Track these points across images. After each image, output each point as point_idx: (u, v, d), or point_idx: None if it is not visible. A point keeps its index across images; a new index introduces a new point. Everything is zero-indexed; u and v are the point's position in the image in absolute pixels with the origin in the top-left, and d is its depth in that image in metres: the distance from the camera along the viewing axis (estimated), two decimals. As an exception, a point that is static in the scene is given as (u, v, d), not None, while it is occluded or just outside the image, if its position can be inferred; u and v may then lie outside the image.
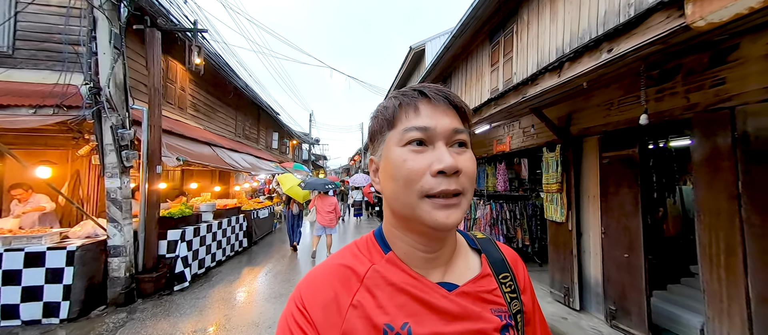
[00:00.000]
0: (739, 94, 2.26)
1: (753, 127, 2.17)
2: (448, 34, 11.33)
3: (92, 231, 3.77)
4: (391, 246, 0.51)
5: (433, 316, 0.46)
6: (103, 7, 3.59)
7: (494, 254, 0.57)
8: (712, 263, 2.37)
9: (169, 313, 3.52)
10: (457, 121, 0.47)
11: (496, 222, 5.47)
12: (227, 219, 5.87)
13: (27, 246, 3.25)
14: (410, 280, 0.48)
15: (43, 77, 4.49)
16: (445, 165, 0.42)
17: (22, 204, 4.02)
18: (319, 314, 0.44)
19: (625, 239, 3.17)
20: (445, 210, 0.43)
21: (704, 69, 2.50)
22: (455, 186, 0.43)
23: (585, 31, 3.73)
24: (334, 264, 0.50)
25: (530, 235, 5.41)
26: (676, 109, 2.70)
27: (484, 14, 5.66)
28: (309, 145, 24.71)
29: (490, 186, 6.09)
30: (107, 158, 3.66)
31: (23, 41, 4.56)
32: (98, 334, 3.05)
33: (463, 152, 0.46)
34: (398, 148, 0.46)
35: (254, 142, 12.58)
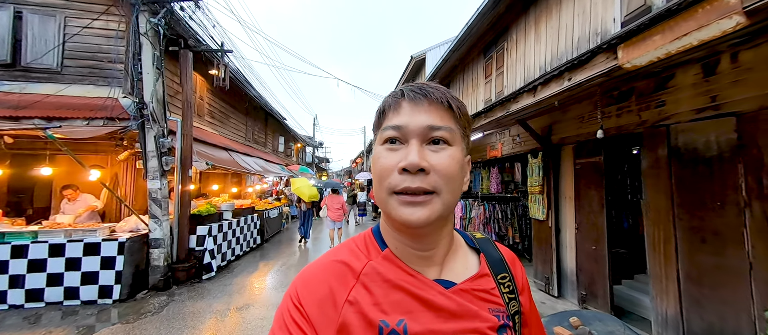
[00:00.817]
0: (674, 114, 2.82)
1: (682, 142, 2.72)
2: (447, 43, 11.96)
3: (134, 226, 4.36)
4: (387, 243, 0.50)
5: (430, 313, 0.45)
6: (147, 34, 4.20)
7: (493, 254, 0.56)
8: (655, 250, 2.92)
9: (203, 296, 4.10)
10: (436, 118, 0.46)
11: (489, 222, 6.02)
12: (244, 218, 6.45)
13: (85, 237, 3.85)
14: (406, 277, 0.47)
15: (88, 91, 5.10)
16: (407, 162, 0.43)
17: (72, 203, 4.62)
18: (315, 310, 0.44)
19: (593, 234, 3.72)
20: (409, 207, 0.43)
21: (651, 92, 3.06)
22: (419, 184, 0.43)
23: (563, 52, 4.30)
24: (330, 261, 0.49)
25: (520, 233, 5.95)
26: (631, 124, 3.26)
27: (479, 31, 6.25)
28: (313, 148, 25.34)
29: (485, 188, 6.63)
30: (150, 163, 4.26)
31: (70, 60, 5.17)
32: (147, 312, 3.62)
33: (440, 150, 0.45)
34: (378, 146, 0.48)
35: (262, 146, 13.19)
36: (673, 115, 2.84)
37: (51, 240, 3.75)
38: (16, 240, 3.69)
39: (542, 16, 4.72)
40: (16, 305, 3.66)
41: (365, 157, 29.05)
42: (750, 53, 2.32)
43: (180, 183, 4.65)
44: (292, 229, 10.46)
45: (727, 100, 2.45)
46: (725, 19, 1.67)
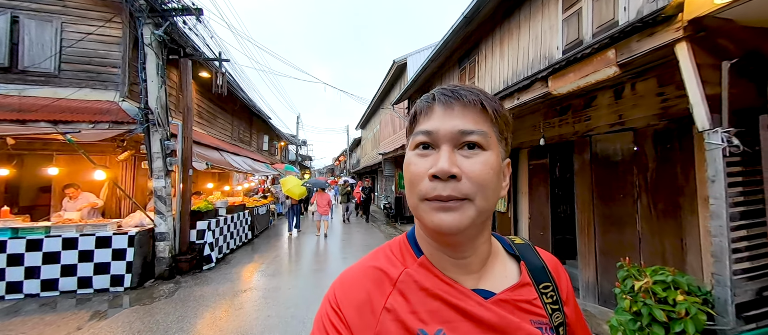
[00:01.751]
0: (596, 127, 3.64)
1: (600, 149, 3.55)
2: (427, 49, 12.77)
3: (139, 221, 4.73)
4: (423, 249, 0.49)
5: (469, 324, 0.44)
6: (152, 45, 4.57)
7: (534, 261, 0.54)
8: (582, 232, 3.75)
9: (207, 283, 4.56)
10: (469, 122, 0.44)
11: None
12: (237, 215, 6.87)
13: (96, 231, 4.21)
14: (443, 286, 0.46)
15: (85, 95, 5.36)
16: (436, 169, 0.42)
17: (74, 201, 4.90)
18: (354, 315, 0.44)
19: (541, 222, 4.54)
20: (440, 212, 0.42)
21: (581, 109, 3.88)
22: (450, 192, 0.42)
23: (521, 70, 5.09)
24: (367, 266, 0.49)
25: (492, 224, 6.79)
26: (568, 133, 4.08)
27: (454, 45, 6.99)
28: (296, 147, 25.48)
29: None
30: (155, 164, 4.64)
31: (67, 64, 5.39)
32: (159, 296, 4.06)
33: (473, 155, 0.44)
34: (409, 152, 0.47)
35: (247, 145, 13.40)
36: (595, 127, 3.67)
37: (64, 234, 4.09)
38: (30, 235, 4.00)
39: (506, 37, 5.51)
40: (32, 294, 3.98)
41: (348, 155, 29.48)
42: (642, 85, 3.15)
43: (181, 182, 5.05)
44: (278, 226, 10.86)
45: (629, 119, 3.28)
46: (607, 68, 2.44)
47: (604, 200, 3.49)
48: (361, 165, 23.13)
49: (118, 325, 3.27)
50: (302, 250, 7.01)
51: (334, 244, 7.67)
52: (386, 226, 10.70)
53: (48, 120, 4.43)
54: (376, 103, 17.08)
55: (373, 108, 17.99)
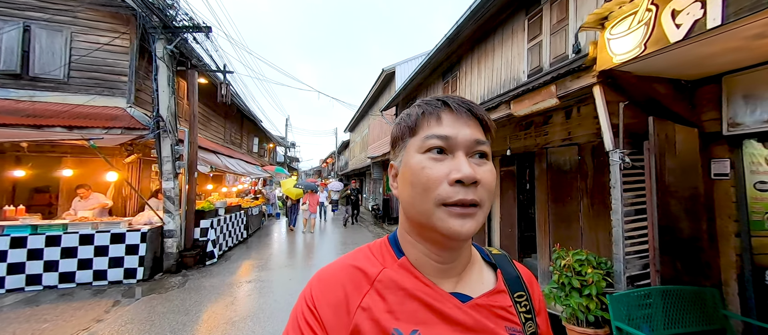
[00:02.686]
0: (551, 141, 4.39)
1: (554, 159, 4.30)
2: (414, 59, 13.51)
3: (147, 219, 5.13)
4: (405, 251, 0.50)
5: (445, 326, 0.45)
6: (163, 58, 5.00)
7: (510, 271, 0.56)
8: (540, 228, 4.49)
9: (213, 276, 5.02)
10: (478, 132, 0.47)
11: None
12: (234, 215, 7.29)
13: (111, 228, 4.60)
14: (422, 287, 0.47)
15: (93, 100, 5.69)
16: (463, 174, 0.43)
17: (84, 200, 5.23)
18: (329, 313, 0.45)
19: (510, 221, 5.28)
20: (460, 219, 0.43)
21: (541, 125, 4.63)
22: (472, 197, 0.43)
23: (495, 88, 5.84)
24: (346, 265, 0.50)
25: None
26: (532, 145, 4.82)
27: (438, 60, 7.71)
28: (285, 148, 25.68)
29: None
30: (164, 167, 5.06)
31: (76, 71, 5.71)
32: (171, 287, 4.50)
33: (483, 164, 0.46)
34: (418, 155, 0.47)
35: (238, 147, 13.69)
36: (551, 141, 4.42)
37: (81, 230, 4.46)
38: (49, 231, 4.36)
39: (483, 57, 6.26)
40: (50, 285, 4.33)
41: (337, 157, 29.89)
42: (584, 109, 3.91)
43: (187, 183, 5.48)
44: (268, 226, 11.25)
45: (575, 135, 4.03)
46: (551, 99, 3.15)
47: (556, 201, 4.24)
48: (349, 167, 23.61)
49: (142, 309, 3.72)
50: (296, 247, 7.50)
51: (325, 242, 8.20)
52: (374, 227, 11.29)
53: (63, 125, 4.77)
54: (364, 107, 17.68)
55: (362, 112, 18.58)
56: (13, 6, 5.42)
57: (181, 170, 5.24)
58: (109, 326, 3.28)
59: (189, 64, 5.62)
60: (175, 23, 5.05)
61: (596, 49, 2.60)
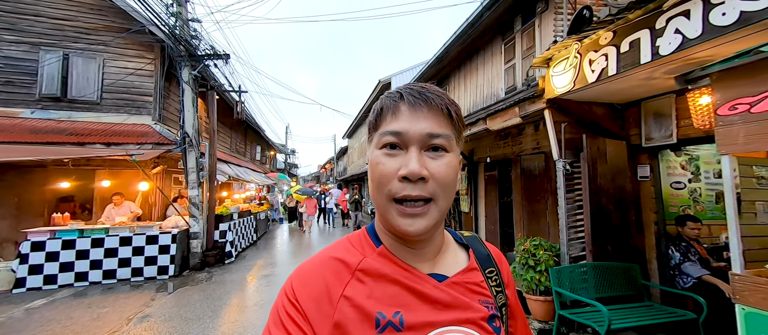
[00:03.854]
0: (524, 149, 5.17)
1: (526, 165, 5.08)
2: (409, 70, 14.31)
3: (174, 223, 5.82)
4: (382, 240, 0.52)
5: (425, 305, 0.47)
6: (189, 82, 5.74)
7: (480, 250, 0.59)
8: (517, 224, 5.24)
9: (234, 272, 5.71)
10: (435, 125, 0.46)
11: (437, 216, 8.27)
12: (246, 219, 7.99)
13: (146, 231, 5.29)
14: (401, 272, 0.49)
15: (123, 119, 6.42)
16: (408, 171, 0.43)
17: (118, 207, 5.92)
18: (311, 305, 0.45)
19: (493, 219, 6.03)
20: (408, 218, 0.44)
21: (517, 135, 5.41)
22: (419, 192, 0.44)
23: (479, 102, 6.63)
24: (326, 257, 0.50)
25: (457, 223, 8.25)
26: (509, 153, 5.60)
27: (429, 75, 8.51)
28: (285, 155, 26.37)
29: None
30: (190, 177, 5.77)
31: (108, 93, 6.44)
32: (200, 281, 5.18)
33: (439, 157, 0.46)
34: (376, 150, 0.48)
35: (242, 155, 14.39)
36: (523, 150, 5.20)
37: (121, 233, 5.16)
38: (94, 235, 5.05)
39: (468, 74, 7.07)
40: (95, 281, 5.01)
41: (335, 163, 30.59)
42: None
43: (208, 191, 6.19)
44: (273, 230, 11.93)
45: (542, 145, 4.81)
46: (516, 118, 3.93)
47: (529, 201, 5.00)
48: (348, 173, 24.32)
49: (180, 297, 4.41)
50: (302, 247, 8.20)
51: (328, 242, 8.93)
52: (373, 228, 12.02)
53: (102, 142, 5.49)
54: (362, 115, 18.48)
55: (360, 119, 19.36)
56: (55, 38, 6.16)
57: (204, 179, 5.96)
58: (159, 309, 3.97)
59: (209, 86, 6.36)
60: (198, 52, 5.80)
61: (544, 82, 3.39)
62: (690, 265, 2.94)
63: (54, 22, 6.19)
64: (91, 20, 6.34)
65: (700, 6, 2.03)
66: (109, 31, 6.36)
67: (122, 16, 6.37)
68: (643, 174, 3.51)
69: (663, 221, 3.39)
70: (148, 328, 3.45)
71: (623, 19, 2.50)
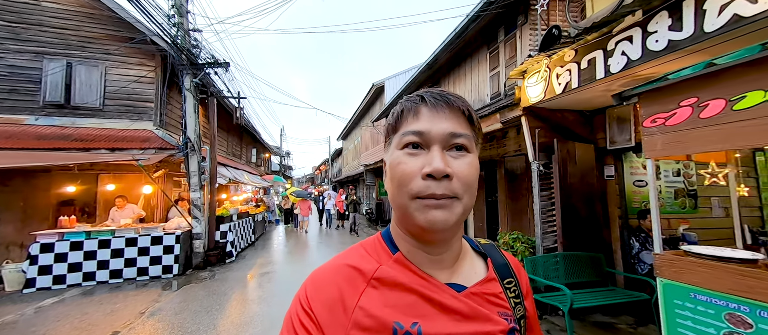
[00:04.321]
0: (508, 151, 5.57)
1: (509, 166, 5.48)
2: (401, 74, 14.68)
3: (177, 225, 6.07)
4: (399, 246, 0.51)
5: (444, 316, 0.46)
6: (191, 89, 6.01)
7: (499, 259, 0.58)
8: (502, 221, 5.63)
9: (235, 270, 5.98)
10: (456, 125, 0.47)
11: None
12: (244, 220, 8.24)
13: (151, 232, 5.54)
14: (419, 280, 0.48)
15: (125, 125, 6.64)
16: (433, 168, 0.43)
17: (121, 210, 6.14)
18: (325, 314, 0.45)
19: (480, 216, 6.42)
20: (433, 210, 0.44)
21: (501, 138, 5.81)
22: (443, 191, 0.44)
23: (466, 107, 7.03)
24: (340, 264, 0.50)
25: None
26: (495, 154, 6.00)
27: (421, 80, 8.90)
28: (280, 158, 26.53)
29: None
30: (192, 180, 6.03)
31: (110, 99, 6.65)
32: (204, 279, 5.45)
33: (461, 156, 0.47)
34: (397, 151, 0.48)
35: (238, 158, 14.57)
36: (507, 151, 5.60)
37: (127, 234, 5.39)
38: (100, 236, 5.28)
39: (457, 80, 7.46)
40: (102, 281, 5.24)
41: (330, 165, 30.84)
42: (528, 127, 5.09)
43: (209, 193, 6.45)
44: (270, 231, 12.17)
45: (523, 147, 5.21)
46: (497, 123, 4.31)
47: (512, 199, 5.40)
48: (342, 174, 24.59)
49: (187, 293, 4.68)
50: (299, 247, 8.49)
51: (324, 243, 9.21)
52: (368, 228, 12.32)
53: (107, 147, 5.72)
54: (356, 117, 18.81)
55: (354, 122, 19.69)
56: (59, 47, 6.37)
57: (205, 182, 6.22)
58: (168, 304, 4.24)
59: (209, 93, 6.63)
60: (199, 60, 6.08)
61: (520, 92, 3.78)
62: (647, 254, 3.35)
63: (57, 32, 6.38)
64: (93, 30, 6.56)
65: (640, 33, 2.43)
66: (112, 41, 6.58)
67: (125, 25, 6.59)
68: (608, 174, 3.92)
69: (626, 215, 3.80)
70: (160, 320, 3.73)
71: (583, 39, 2.90)
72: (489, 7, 5.35)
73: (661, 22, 2.25)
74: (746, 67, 1.57)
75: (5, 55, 6.13)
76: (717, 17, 1.94)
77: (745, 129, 1.52)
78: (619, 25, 2.57)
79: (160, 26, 5.45)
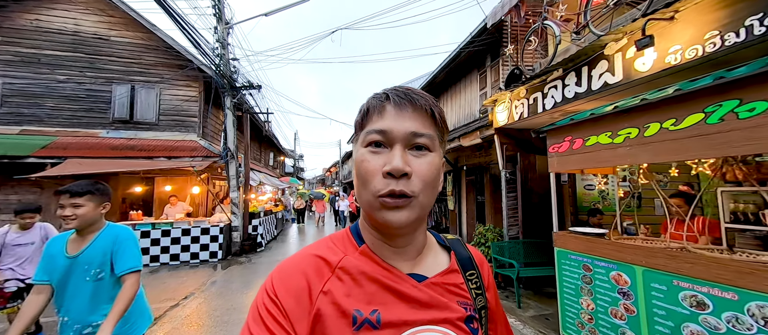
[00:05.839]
0: (492, 160, 6.64)
1: (493, 172, 6.56)
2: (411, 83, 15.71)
3: (219, 219, 7.39)
4: (365, 239, 0.54)
5: (402, 304, 0.49)
6: (230, 108, 7.33)
7: (462, 252, 0.61)
8: (486, 216, 6.72)
9: (265, 257, 7.26)
10: (419, 125, 0.48)
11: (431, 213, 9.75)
12: (269, 217, 9.56)
13: (200, 224, 6.87)
14: (381, 271, 0.50)
15: (175, 136, 8.03)
16: (391, 167, 0.45)
17: (173, 207, 7.50)
18: (291, 302, 0.46)
19: (471, 213, 7.51)
20: (391, 210, 0.46)
21: (487, 148, 6.90)
22: (402, 188, 0.45)
23: (462, 120, 8.13)
24: (308, 255, 0.52)
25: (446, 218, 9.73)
26: (483, 162, 7.09)
27: (423, 94, 10.04)
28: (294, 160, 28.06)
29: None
30: (231, 183, 7.34)
31: (163, 115, 8.05)
32: (243, 262, 6.73)
33: (422, 155, 0.48)
34: (361, 148, 0.50)
35: (258, 162, 16.03)
36: (492, 160, 6.67)
37: (182, 226, 6.74)
38: (162, 227, 6.64)
39: (454, 95, 8.58)
40: (164, 263, 6.59)
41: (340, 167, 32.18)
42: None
43: (244, 193, 7.76)
44: (287, 228, 13.51)
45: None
46: (477, 139, 5.44)
47: (494, 200, 6.48)
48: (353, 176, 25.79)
49: (232, 272, 5.96)
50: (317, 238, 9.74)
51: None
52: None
53: (166, 155, 7.09)
54: (366, 123, 20.04)
55: (364, 127, 20.91)
56: (124, 73, 7.81)
57: (241, 185, 7.53)
58: (221, 278, 5.52)
59: (244, 109, 7.96)
60: (237, 84, 7.40)
61: (492, 115, 4.89)
62: (586, 240, 4.40)
63: (124, 61, 7.83)
64: (151, 59, 7.98)
65: (560, 84, 3.52)
66: (165, 68, 7.99)
67: (176, 55, 8.00)
68: (564, 180, 4.98)
69: (577, 213, 4.86)
70: (220, 286, 5.00)
71: (530, 83, 4.01)
72: (476, 40, 6.47)
73: (570, 79, 3.35)
74: (590, 122, 2.66)
75: (84, 81, 7.61)
76: (597, 80, 3.03)
77: (591, 157, 2.62)
78: (551, 76, 3.67)
79: (207, 56, 6.79)
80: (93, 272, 1.48)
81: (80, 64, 7.62)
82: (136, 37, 7.97)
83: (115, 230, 1.59)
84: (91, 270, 1.48)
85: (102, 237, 1.54)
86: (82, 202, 1.47)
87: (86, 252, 1.49)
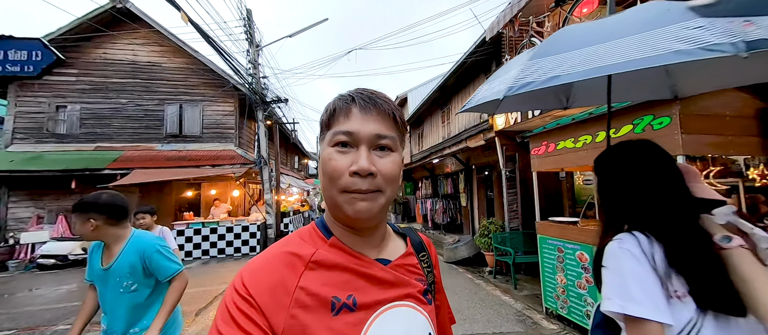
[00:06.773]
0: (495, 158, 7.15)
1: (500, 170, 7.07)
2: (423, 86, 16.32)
3: (255, 218, 8.44)
4: (333, 232, 0.57)
5: (374, 287, 0.54)
6: (263, 120, 8.36)
7: (415, 238, 0.70)
8: (496, 211, 7.23)
9: (297, 251, 8.21)
10: (383, 127, 0.53)
11: (446, 211, 10.30)
12: (297, 216, 10.58)
13: (241, 223, 7.94)
14: (352, 259, 0.55)
15: (216, 146, 9.20)
16: (358, 167, 0.49)
17: (217, 208, 8.66)
18: (266, 297, 0.47)
19: (482, 209, 8.03)
20: (359, 202, 0.50)
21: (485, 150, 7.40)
22: (368, 186, 0.50)
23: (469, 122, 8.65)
24: (279, 252, 0.53)
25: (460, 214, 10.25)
26: (492, 161, 7.58)
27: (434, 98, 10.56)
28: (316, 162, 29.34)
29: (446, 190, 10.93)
30: (265, 186, 8.37)
31: (206, 129, 9.26)
32: (277, 255, 7.72)
33: (385, 155, 0.53)
34: (328, 147, 0.53)
35: (285, 166, 17.28)
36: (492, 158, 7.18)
37: (226, 224, 7.83)
38: (210, 225, 7.76)
39: (461, 99, 9.10)
40: (213, 255, 7.71)
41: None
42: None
43: (275, 196, 8.78)
44: (315, 226, 14.57)
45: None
46: (480, 140, 6.02)
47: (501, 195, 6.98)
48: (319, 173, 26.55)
49: (270, 263, 6.92)
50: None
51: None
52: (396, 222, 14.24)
53: (210, 164, 8.23)
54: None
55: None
56: (174, 94, 9.09)
57: (273, 188, 8.54)
58: (262, 267, 6.49)
59: (274, 120, 8.97)
60: (267, 99, 8.41)
61: (493, 119, 5.45)
62: (580, 231, 4.87)
63: (173, 84, 9.11)
64: (195, 80, 9.22)
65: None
66: (207, 87, 9.20)
67: (216, 76, 9.17)
68: (561, 176, 5.44)
69: (574, 206, 5.31)
70: (262, 274, 5.95)
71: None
72: (479, 50, 7.01)
73: (552, 90, 3.89)
74: (558, 130, 3.21)
75: (142, 103, 8.95)
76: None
77: (560, 159, 3.18)
78: (538, 87, 4.21)
79: (241, 76, 7.82)
80: (125, 284, 1.48)
81: (138, 89, 8.97)
82: (182, 63, 9.22)
83: (139, 244, 1.52)
84: (123, 283, 1.48)
85: (128, 251, 1.50)
86: (76, 219, 1.46)
87: (115, 265, 1.48)
